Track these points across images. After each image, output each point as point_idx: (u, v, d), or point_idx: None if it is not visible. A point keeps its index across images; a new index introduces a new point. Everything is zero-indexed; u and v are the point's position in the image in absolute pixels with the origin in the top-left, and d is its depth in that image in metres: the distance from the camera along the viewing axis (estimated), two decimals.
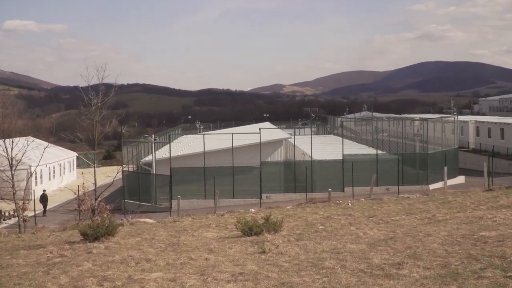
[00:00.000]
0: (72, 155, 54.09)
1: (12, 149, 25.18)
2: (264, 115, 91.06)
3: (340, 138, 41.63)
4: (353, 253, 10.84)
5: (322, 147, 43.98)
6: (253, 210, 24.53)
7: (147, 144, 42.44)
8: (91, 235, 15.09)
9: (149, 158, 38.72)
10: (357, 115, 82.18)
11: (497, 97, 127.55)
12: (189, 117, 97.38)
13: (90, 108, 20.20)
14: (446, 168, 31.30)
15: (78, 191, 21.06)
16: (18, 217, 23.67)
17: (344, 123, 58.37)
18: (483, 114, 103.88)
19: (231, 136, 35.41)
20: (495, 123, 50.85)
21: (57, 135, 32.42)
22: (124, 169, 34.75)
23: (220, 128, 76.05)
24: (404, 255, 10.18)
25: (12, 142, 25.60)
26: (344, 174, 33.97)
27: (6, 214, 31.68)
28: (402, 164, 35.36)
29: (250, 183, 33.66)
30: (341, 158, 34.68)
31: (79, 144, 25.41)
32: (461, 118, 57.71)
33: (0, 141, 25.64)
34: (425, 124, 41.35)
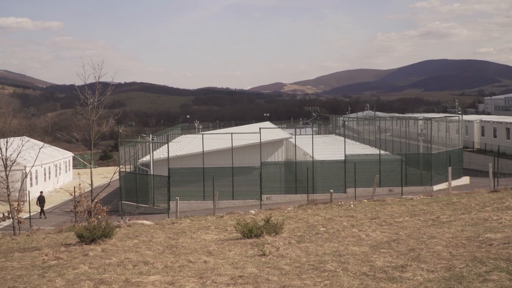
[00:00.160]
0: (68, 156, 53.86)
1: (7, 149, 25.19)
2: (265, 115, 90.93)
3: (342, 138, 41.48)
4: (356, 256, 10.78)
5: (324, 147, 43.92)
6: (253, 212, 24.64)
7: (145, 144, 42.32)
8: (88, 237, 15.06)
9: (147, 159, 38.51)
10: (360, 115, 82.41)
11: (503, 96, 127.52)
12: (188, 117, 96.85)
13: (87, 107, 20.05)
14: (451, 169, 31.34)
15: (74, 192, 20.99)
16: (13, 219, 23.57)
17: (346, 123, 58.47)
18: (488, 113, 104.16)
19: (231, 136, 35.26)
20: (501, 123, 50.33)
21: (53, 135, 32.23)
22: (121, 170, 34.66)
23: (220, 128, 76.18)
24: (408, 258, 10.11)
25: (7, 142, 25.58)
26: (346, 175, 33.82)
27: (0, 216, 31.39)
28: (406, 165, 35.21)
29: (250, 184, 33.48)
30: (343, 159, 34.54)
31: (75, 144, 25.21)
32: (466, 118, 57.42)
33: None
34: (429, 124, 41.09)
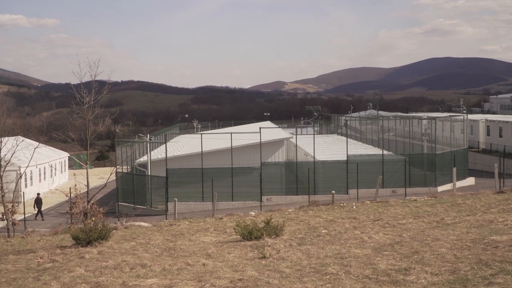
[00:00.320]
0: (64, 156, 53.72)
1: (1, 149, 25.22)
2: (265, 114, 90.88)
3: (344, 138, 41.22)
4: (358, 258, 10.73)
5: (325, 147, 43.79)
6: (253, 213, 24.78)
7: (142, 144, 42.20)
8: (84, 240, 15.05)
9: (144, 159, 38.37)
10: (362, 114, 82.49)
11: (509, 95, 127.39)
12: (186, 116, 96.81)
13: (83, 107, 20.01)
14: (455, 169, 31.38)
15: (70, 193, 20.83)
16: (7, 221, 23.48)
17: (348, 122, 58.32)
18: (494, 113, 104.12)
19: (230, 136, 35.04)
20: (507, 122, 49.96)
21: (48, 135, 32.24)
22: (118, 170, 34.55)
23: (219, 127, 76.13)
24: (411, 260, 10.06)
25: (1, 142, 25.61)
26: (349, 176, 33.62)
27: None
28: (409, 165, 35.01)
29: (250, 185, 33.34)
30: (345, 159, 34.32)
31: (71, 144, 25.17)
32: (471, 117, 57.02)
33: None
34: (433, 123, 40.79)
